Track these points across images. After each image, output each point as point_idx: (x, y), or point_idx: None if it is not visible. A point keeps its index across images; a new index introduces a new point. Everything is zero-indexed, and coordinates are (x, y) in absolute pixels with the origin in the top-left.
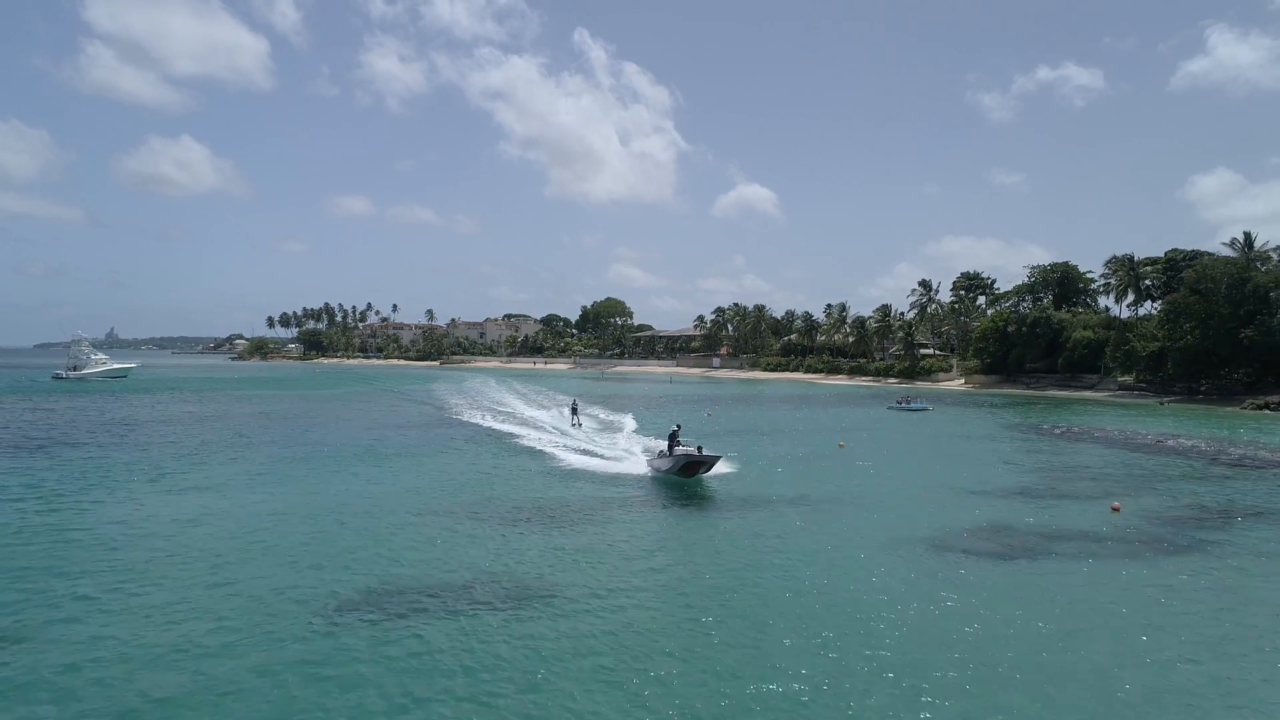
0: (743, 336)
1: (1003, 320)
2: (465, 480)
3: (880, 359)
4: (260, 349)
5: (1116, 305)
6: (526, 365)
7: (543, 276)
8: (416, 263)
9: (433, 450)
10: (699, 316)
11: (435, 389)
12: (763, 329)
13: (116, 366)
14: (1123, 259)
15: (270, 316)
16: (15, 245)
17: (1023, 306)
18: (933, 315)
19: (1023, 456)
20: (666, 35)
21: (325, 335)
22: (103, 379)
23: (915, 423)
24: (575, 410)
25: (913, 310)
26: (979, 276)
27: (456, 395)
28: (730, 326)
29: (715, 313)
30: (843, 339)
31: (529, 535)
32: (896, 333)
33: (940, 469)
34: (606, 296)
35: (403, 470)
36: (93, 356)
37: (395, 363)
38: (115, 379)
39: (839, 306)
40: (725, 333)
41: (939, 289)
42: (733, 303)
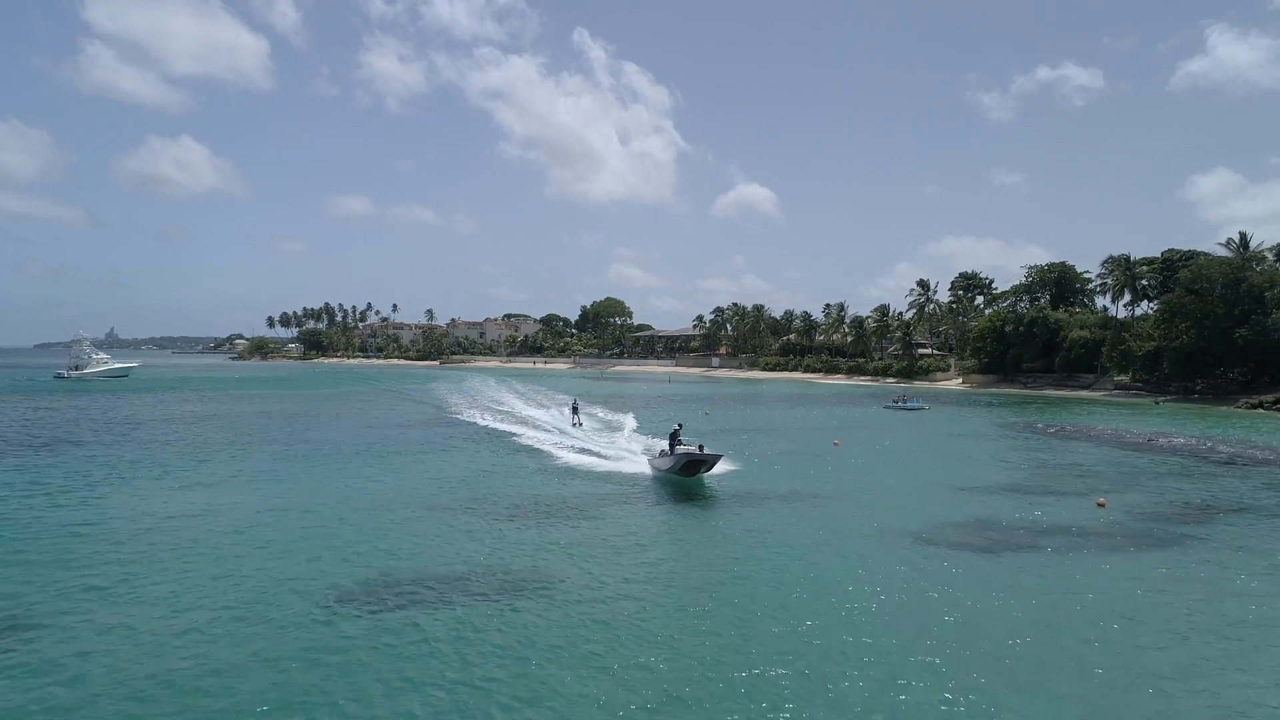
0: (742, 336)
1: (1000, 320)
2: (463, 477)
3: (878, 359)
4: (260, 349)
5: (1113, 305)
6: (526, 365)
7: (543, 276)
8: (416, 263)
9: (432, 448)
10: (698, 316)
11: (435, 388)
12: (762, 329)
13: (118, 366)
14: (1119, 259)
15: (270, 316)
16: (15, 245)
17: (1020, 306)
18: (931, 315)
19: (1014, 454)
20: (666, 35)
21: (325, 335)
22: (104, 378)
23: (911, 422)
24: (576, 410)
25: (911, 310)
26: (977, 276)
27: (456, 394)
28: (729, 326)
29: (714, 313)
30: (841, 339)
31: (525, 530)
32: (895, 333)
33: (932, 466)
34: (606, 296)
35: (402, 468)
36: (94, 356)
37: (395, 362)
38: (116, 378)
39: (837, 306)
40: (724, 332)
41: (937, 289)
42: (732, 303)
